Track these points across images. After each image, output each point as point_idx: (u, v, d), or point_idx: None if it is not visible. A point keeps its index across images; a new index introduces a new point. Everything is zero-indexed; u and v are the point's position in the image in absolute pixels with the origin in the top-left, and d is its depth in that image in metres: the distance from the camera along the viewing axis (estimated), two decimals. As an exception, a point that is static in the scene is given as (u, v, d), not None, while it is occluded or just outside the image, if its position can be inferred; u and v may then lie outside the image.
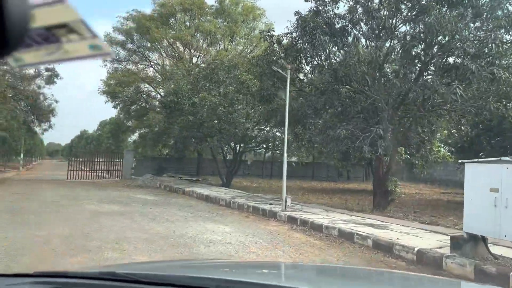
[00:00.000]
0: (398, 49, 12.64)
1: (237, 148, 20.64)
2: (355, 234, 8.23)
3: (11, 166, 53.89)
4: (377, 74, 12.97)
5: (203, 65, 22.63)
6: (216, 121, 18.53)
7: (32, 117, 26.70)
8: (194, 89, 19.24)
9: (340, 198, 18.99)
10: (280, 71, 11.97)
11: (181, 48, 28.15)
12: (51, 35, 0.79)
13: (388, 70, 14.21)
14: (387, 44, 12.77)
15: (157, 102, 29.20)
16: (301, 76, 14.83)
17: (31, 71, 25.89)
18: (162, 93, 24.83)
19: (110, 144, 37.19)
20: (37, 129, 27.81)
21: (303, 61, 14.01)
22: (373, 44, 12.79)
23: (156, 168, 29.25)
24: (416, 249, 6.93)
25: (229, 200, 13.43)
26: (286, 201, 10.92)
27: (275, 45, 14.12)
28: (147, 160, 29.45)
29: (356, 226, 8.99)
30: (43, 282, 1.56)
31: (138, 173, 28.90)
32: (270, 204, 12.34)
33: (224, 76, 19.08)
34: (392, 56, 12.45)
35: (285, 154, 11.85)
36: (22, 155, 51.44)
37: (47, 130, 27.64)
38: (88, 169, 27.55)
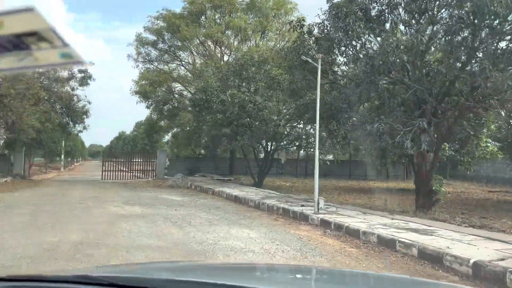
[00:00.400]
0: (442, 34, 11.38)
1: (269, 147, 19.78)
2: (397, 241, 7.17)
3: (54, 167, 55.64)
4: (418, 62, 11.75)
5: (232, 62, 21.92)
6: (246, 119, 17.75)
7: (67, 118, 26.91)
8: (223, 86, 18.54)
9: (379, 199, 17.75)
10: (310, 61, 11.01)
11: (212, 47, 27.60)
12: (20, 43, 0.82)
13: (431, 57, 12.93)
14: (428, 31, 11.54)
15: (188, 101, 28.82)
16: (334, 68, 13.79)
17: (64, 73, 26.13)
18: (192, 92, 24.32)
19: (145, 145, 37.28)
20: (72, 130, 27.99)
21: (336, 51, 12.97)
22: (412, 30, 11.60)
23: (189, 167, 28.88)
24: (471, 261, 5.82)
25: (258, 201, 12.59)
26: (318, 203, 9.95)
27: (305, 35, 13.14)
28: (180, 160, 29.13)
29: (398, 231, 7.92)
30: (14, 286, 1.53)
31: (171, 173, 28.62)
32: (302, 206, 11.39)
33: (254, 71, 18.27)
34: (436, 41, 11.18)
35: (317, 152, 10.86)
36: (63, 156, 52.92)
37: (82, 131, 27.81)
38: (122, 169, 27.51)
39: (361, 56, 12.42)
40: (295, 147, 20.28)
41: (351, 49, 12.62)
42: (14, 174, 24.99)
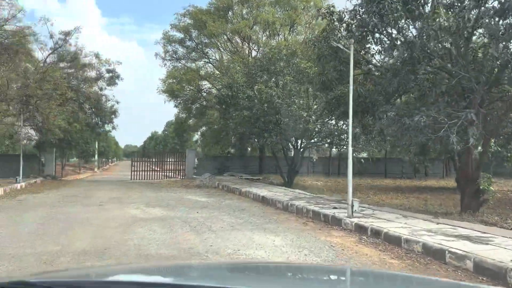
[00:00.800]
0: (491, 14, 10.06)
1: (299, 144, 18.78)
2: (447, 252, 6.08)
3: (88, 168, 56.63)
4: (463, 47, 10.50)
5: (260, 57, 21.06)
6: (273, 115, 16.85)
7: (96, 119, 26.85)
8: (250, 82, 17.69)
9: (417, 198, 16.47)
10: (342, 47, 9.97)
11: (240, 43, 26.82)
12: None
13: (476, 44, 11.59)
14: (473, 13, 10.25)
15: (214, 98, 28.19)
16: (367, 57, 12.64)
17: (92, 73, 26.05)
18: (218, 88, 23.61)
19: (175, 144, 37.01)
20: (101, 130, 27.95)
21: (370, 39, 11.83)
22: (457, 10, 10.33)
23: (218, 167, 28.25)
24: (546, 281, 4.69)
25: (286, 203, 11.65)
26: (352, 205, 8.91)
27: (335, 23, 12.07)
28: (209, 159, 28.55)
29: (446, 239, 6.79)
30: None
31: (200, 172, 28.04)
32: (334, 208, 10.36)
33: (282, 66, 17.32)
34: (484, 21, 9.88)
35: (350, 149, 9.82)
36: (96, 157, 53.72)
37: (111, 131, 27.74)
38: (151, 169, 27.20)
39: (398, 43, 11.26)
40: (326, 145, 19.15)
41: (387, 36, 11.46)
42: (45, 175, 25.11)
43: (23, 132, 19.20)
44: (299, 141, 18.70)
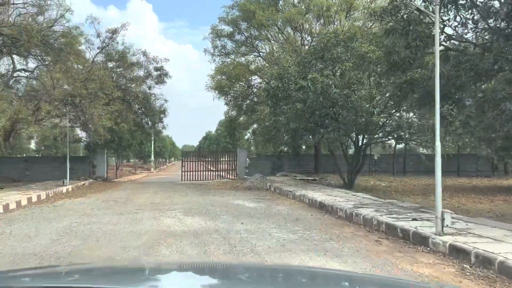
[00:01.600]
0: None
1: (360, 141, 16.40)
2: None
3: (146, 168, 57.10)
4: None
5: (313, 44, 18.87)
6: (330, 108, 14.65)
7: (146, 118, 25.99)
8: (302, 71, 15.58)
9: (506, 202, 13.62)
10: (423, 9, 7.63)
11: (291, 33, 24.74)
12: None
13: None
14: None
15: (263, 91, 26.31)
16: (449, 31, 10.13)
17: (140, 72, 25.15)
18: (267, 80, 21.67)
19: (227, 143, 35.62)
20: (150, 130, 27.04)
21: (453, 7, 9.36)
22: None
23: (271, 166, 26.39)
24: None
25: (350, 211, 9.47)
26: (443, 218, 6.60)
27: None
28: (261, 158, 26.76)
29: None
30: None
31: (252, 172, 26.33)
32: (414, 219, 8.05)
33: (339, 52, 15.05)
34: None
35: (438, 143, 7.49)
36: (152, 157, 53.96)
37: (161, 132, 26.75)
38: (201, 170, 25.90)
39: (493, 7, 8.73)
40: (393, 140, 16.60)
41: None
42: (95, 176, 24.57)
43: (71, 133, 18.42)
44: (360, 137, 16.32)
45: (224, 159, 26.85)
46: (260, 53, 26.34)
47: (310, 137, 15.87)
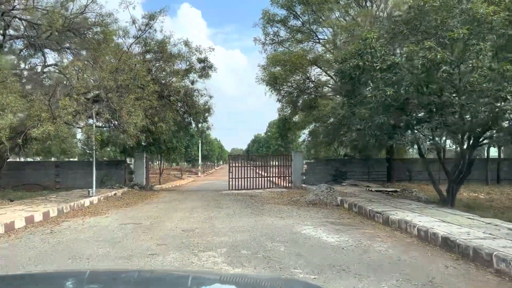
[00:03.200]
0: None
1: (471, 139, 11.62)
2: None
3: (194, 172, 54.13)
4: None
5: (399, 13, 14.23)
6: (436, 94, 10.09)
7: (189, 118, 22.43)
8: (390, 45, 11.11)
9: None
10: None
11: (357, 10, 20.15)
12: None
13: None
14: None
15: (329, 87, 21.79)
16: None
17: (182, 65, 21.59)
18: (339, 62, 17.14)
19: (278, 146, 31.45)
20: (194, 130, 23.29)
21: None
22: None
23: (332, 173, 21.90)
24: None
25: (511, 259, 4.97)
26: None
27: None
28: (320, 163, 22.33)
29: None
30: None
31: (309, 180, 22.03)
32: None
33: (443, 16, 10.46)
34: None
35: None
36: (200, 161, 50.89)
37: (205, 132, 22.99)
38: (251, 176, 21.91)
39: None
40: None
41: None
42: (132, 184, 21.25)
43: (95, 131, 15.02)
44: (471, 134, 11.53)
45: (276, 164, 22.70)
46: (320, 40, 21.97)
47: (402, 136, 11.23)
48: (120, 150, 21.76)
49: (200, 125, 22.44)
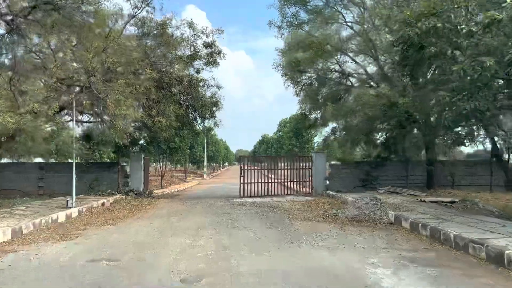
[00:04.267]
0: None
1: None
2: None
3: (199, 174, 50.73)
4: None
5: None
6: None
7: (194, 113, 19.14)
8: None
9: None
10: None
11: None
12: None
13: None
14: None
15: (360, 75, 18.30)
16: None
17: (186, 51, 18.23)
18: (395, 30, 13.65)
19: (292, 146, 28.08)
20: (199, 127, 19.92)
21: None
22: None
23: (362, 177, 18.49)
24: None
25: None
26: None
27: None
28: (346, 165, 18.89)
29: None
30: None
31: (334, 186, 18.62)
32: None
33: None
34: None
35: None
36: (205, 162, 47.54)
37: (213, 129, 19.62)
38: (266, 181, 18.56)
39: None
40: None
41: None
42: (127, 189, 17.94)
43: (76, 128, 11.72)
44: None
45: (294, 167, 19.31)
46: (348, 23, 18.56)
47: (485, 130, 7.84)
48: (112, 150, 18.44)
49: (206, 121, 19.08)
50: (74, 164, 12.50)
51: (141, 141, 18.93)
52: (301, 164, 19.33)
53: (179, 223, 10.06)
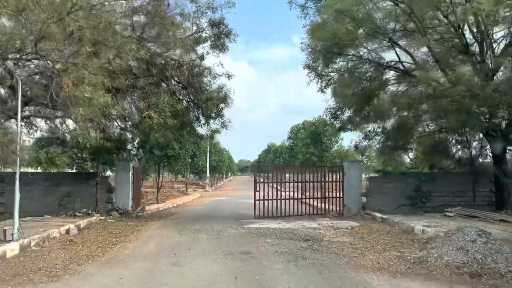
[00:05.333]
0: None
1: None
2: None
3: (201, 185, 46.34)
4: None
5: None
6: None
7: (197, 111, 15.11)
8: None
9: None
10: None
11: None
12: None
13: None
14: None
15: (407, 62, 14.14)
16: None
17: (188, 32, 14.15)
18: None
19: (310, 155, 23.93)
20: (202, 129, 15.69)
21: None
22: None
23: (410, 194, 14.31)
24: None
25: None
26: None
27: None
28: (389, 178, 14.70)
29: None
30: None
31: (374, 204, 14.43)
32: None
33: None
34: None
35: None
36: (208, 173, 43.31)
37: (219, 132, 15.47)
38: (286, 197, 14.43)
39: None
40: None
41: None
42: (111, 208, 13.79)
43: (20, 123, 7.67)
44: None
45: (318, 179, 15.10)
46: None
47: None
48: (89, 156, 14.28)
49: (212, 121, 14.92)
50: (18, 173, 8.37)
51: (130, 146, 14.84)
52: (330, 176, 15.19)
53: (171, 278, 5.89)
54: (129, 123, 12.87)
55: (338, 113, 16.12)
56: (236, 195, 30.78)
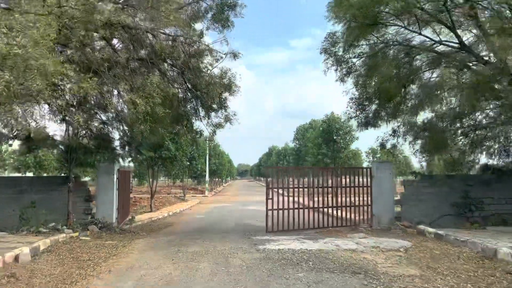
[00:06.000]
0: None
1: None
2: None
3: (200, 190, 43.52)
4: None
5: None
6: None
7: (195, 101, 12.39)
8: None
9: None
10: None
11: None
12: None
13: None
14: None
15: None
16: None
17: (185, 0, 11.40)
18: None
19: (322, 156, 21.17)
20: (201, 124, 12.92)
21: None
22: None
23: (456, 200, 11.59)
24: None
25: None
26: None
27: None
28: (429, 182, 11.99)
29: None
30: None
31: (411, 213, 11.65)
32: None
33: None
34: None
35: None
36: (207, 177, 40.51)
37: (222, 126, 12.69)
38: (302, 206, 11.71)
39: None
40: None
41: None
42: (90, 221, 11.05)
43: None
44: None
45: (337, 184, 12.33)
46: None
47: None
48: (61, 153, 11.47)
49: (213, 113, 12.15)
50: None
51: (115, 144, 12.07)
52: (355, 181, 12.46)
53: None
54: (110, 114, 10.13)
55: (366, 103, 13.38)
56: (238, 201, 28.11)
